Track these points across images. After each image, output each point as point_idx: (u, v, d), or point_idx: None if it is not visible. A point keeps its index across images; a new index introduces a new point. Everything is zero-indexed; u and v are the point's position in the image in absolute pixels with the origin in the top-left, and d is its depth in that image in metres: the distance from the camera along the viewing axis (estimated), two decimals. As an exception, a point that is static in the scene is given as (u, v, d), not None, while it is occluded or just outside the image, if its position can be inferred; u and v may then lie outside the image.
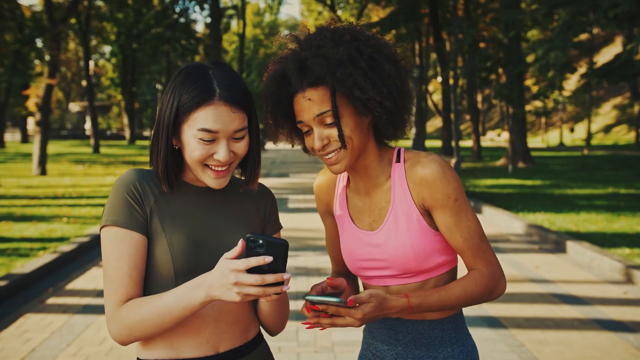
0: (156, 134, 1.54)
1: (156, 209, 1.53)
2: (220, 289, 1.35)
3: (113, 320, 1.47)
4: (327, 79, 1.52)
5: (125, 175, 1.55)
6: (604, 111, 45.86)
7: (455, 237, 1.62)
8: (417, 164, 1.62)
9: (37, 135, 18.05)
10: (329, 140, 1.58)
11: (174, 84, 1.52)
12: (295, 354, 4.45)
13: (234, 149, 1.52)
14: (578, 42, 15.11)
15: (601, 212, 10.98)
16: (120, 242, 1.48)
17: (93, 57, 55.63)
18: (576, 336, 4.82)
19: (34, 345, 4.57)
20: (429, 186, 1.60)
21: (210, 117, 1.46)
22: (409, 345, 1.69)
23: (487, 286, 1.63)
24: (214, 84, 1.48)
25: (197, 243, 1.54)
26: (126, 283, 1.47)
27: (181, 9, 40.17)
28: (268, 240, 1.33)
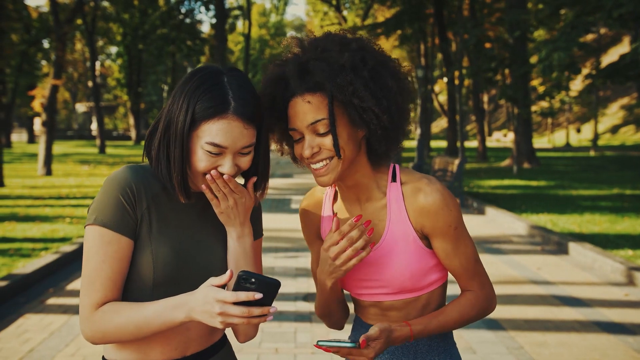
0: (168, 139, 1.48)
1: (147, 215, 1.51)
2: (203, 314, 1.34)
3: (87, 322, 1.46)
4: (327, 84, 1.49)
5: (120, 174, 1.50)
6: (611, 111, 45.66)
7: (453, 263, 1.64)
8: (419, 191, 1.60)
9: (43, 136, 18.11)
10: (320, 149, 1.55)
11: (186, 87, 1.47)
12: (292, 355, 4.44)
13: (238, 163, 1.50)
14: (583, 42, 15.03)
15: (605, 213, 10.93)
16: (107, 244, 1.46)
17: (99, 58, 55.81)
18: (576, 338, 4.80)
19: (33, 345, 4.58)
20: (430, 216, 1.59)
21: (222, 131, 1.43)
22: (396, 353, 1.68)
23: (482, 307, 1.68)
24: (229, 95, 1.45)
25: (181, 255, 1.52)
26: (107, 286, 1.46)
27: (187, 9, 40.28)
28: (260, 280, 1.30)
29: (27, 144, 44.61)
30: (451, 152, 27.48)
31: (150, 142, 1.55)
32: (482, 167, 23.49)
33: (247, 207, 1.57)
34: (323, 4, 46.02)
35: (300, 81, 1.51)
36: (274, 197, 14.23)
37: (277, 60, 1.62)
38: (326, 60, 1.50)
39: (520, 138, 22.21)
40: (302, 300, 5.74)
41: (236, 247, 1.57)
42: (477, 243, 8.58)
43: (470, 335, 4.80)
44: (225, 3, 32.25)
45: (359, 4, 42.30)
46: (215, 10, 28.84)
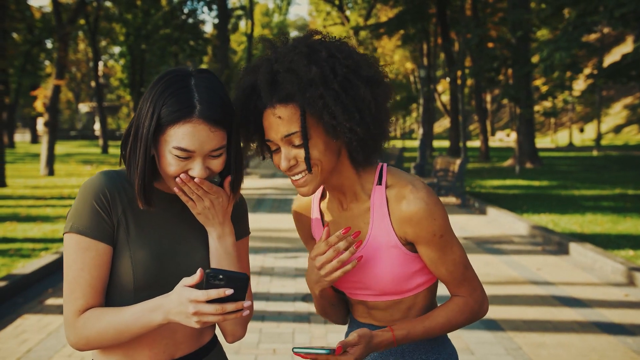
0: (133, 144, 1.48)
1: (123, 219, 1.50)
2: (179, 315, 1.34)
3: (71, 329, 1.46)
4: (297, 97, 1.45)
5: (94, 181, 1.50)
6: (614, 111, 45.57)
7: (440, 270, 1.60)
8: (402, 199, 1.55)
9: (45, 136, 18.15)
10: (297, 161, 1.51)
11: (153, 92, 1.45)
12: (290, 355, 4.43)
13: (209, 166, 1.48)
14: (585, 42, 14.99)
15: (607, 213, 10.90)
16: (85, 251, 1.46)
17: (102, 58, 55.92)
18: (575, 339, 4.78)
19: (30, 345, 4.58)
20: (413, 224, 1.55)
21: (188, 136, 1.41)
22: (383, 351, 1.67)
23: (472, 312, 1.64)
24: (195, 98, 1.42)
25: (159, 258, 1.51)
26: (87, 293, 1.46)
27: (189, 9, 40.26)
28: (228, 275, 1.31)
29: (30, 144, 44.70)
30: (454, 152, 27.46)
31: (124, 145, 1.54)
32: (484, 167, 23.46)
33: (224, 206, 1.55)
34: (326, 4, 46.02)
35: (271, 92, 1.47)
36: (274, 197, 14.24)
37: (249, 66, 1.57)
38: (295, 72, 1.45)
39: (523, 138, 22.17)
40: (300, 301, 5.73)
41: (217, 248, 1.56)
42: (478, 243, 8.56)
43: (468, 335, 4.79)
44: (228, 3, 32.25)
45: (361, 4, 42.31)
46: (218, 10, 28.87)
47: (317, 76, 1.44)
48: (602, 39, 40.21)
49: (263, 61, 1.53)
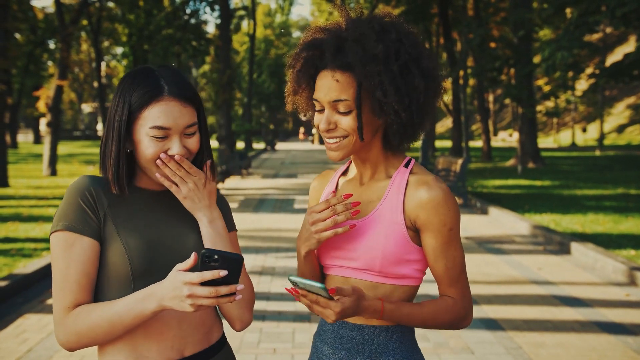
0: (106, 140, 1.53)
1: (110, 213, 1.52)
2: (173, 300, 1.35)
3: (61, 327, 1.46)
4: (357, 68, 1.51)
5: (79, 181, 1.55)
6: (617, 111, 45.48)
7: (439, 264, 1.61)
8: (424, 183, 1.59)
9: (48, 136, 18.19)
10: (335, 126, 1.58)
11: (121, 87, 1.52)
12: (290, 355, 4.44)
13: (186, 145, 1.53)
14: (586, 42, 14.97)
15: (609, 213, 10.89)
16: (71, 247, 1.47)
17: (105, 59, 55.95)
18: (574, 338, 4.77)
19: (31, 345, 4.59)
20: (428, 209, 1.57)
21: (162, 113, 1.47)
22: (352, 351, 1.65)
23: (457, 315, 1.62)
24: (162, 81, 1.51)
25: (153, 244, 1.53)
26: (74, 289, 1.47)
27: (192, 10, 40.28)
28: (223, 255, 1.32)
29: (33, 145, 44.79)
30: (456, 151, 27.45)
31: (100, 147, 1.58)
32: (486, 167, 23.44)
33: (209, 189, 1.59)
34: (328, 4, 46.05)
35: (334, 57, 1.54)
36: (277, 197, 14.24)
37: (319, 26, 1.65)
38: (362, 45, 1.52)
39: (525, 138, 22.15)
40: (301, 301, 5.72)
41: (210, 232, 1.58)
42: (479, 243, 8.56)
43: (468, 335, 4.79)
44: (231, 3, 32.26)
45: (364, 4, 42.29)
46: (220, 10, 28.86)
47: (380, 54, 1.51)
48: (605, 38, 40.12)
49: (334, 25, 1.61)
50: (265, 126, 63.61)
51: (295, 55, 1.65)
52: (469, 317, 1.66)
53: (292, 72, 1.66)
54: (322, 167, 24.73)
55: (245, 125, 40.35)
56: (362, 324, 1.65)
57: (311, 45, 1.61)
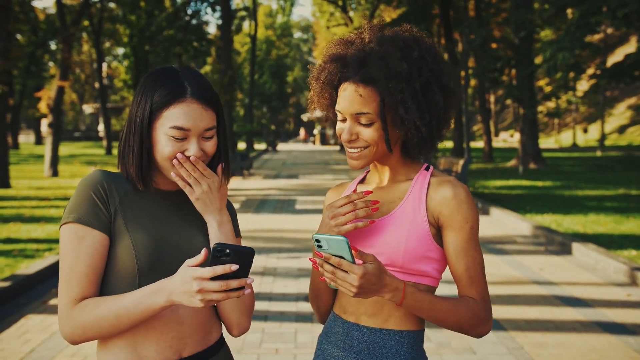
0: (127, 136, 1.55)
1: (120, 209, 1.54)
2: (183, 295, 1.35)
3: (66, 319, 1.47)
4: (380, 84, 1.55)
5: (92, 175, 1.56)
6: (618, 111, 45.46)
7: (459, 263, 1.61)
8: (448, 182, 1.64)
9: (49, 137, 18.21)
10: (357, 137, 1.62)
11: (144, 86, 1.54)
12: (292, 355, 4.45)
13: (203, 148, 1.54)
14: (588, 42, 14.96)
15: (610, 213, 10.89)
16: (81, 240, 1.48)
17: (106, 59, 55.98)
18: (576, 339, 4.78)
19: (33, 345, 4.61)
20: (452, 206, 1.61)
21: (182, 114, 1.49)
22: (362, 354, 1.65)
23: (476, 315, 1.59)
24: (185, 82, 1.52)
25: (160, 242, 1.54)
26: (82, 282, 1.47)
27: (193, 10, 40.31)
28: (235, 249, 1.33)
29: (35, 145, 44.84)
30: (457, 152, 27.42)
31: (119, 146, 1.60)
32: (488, 168, 23.44)
33: (222, 193, 1.61)
34: (329, 5, 46.07)
35: (357, 70, 1.58)
36: (278, 197, 14.25)
37: (344, 38, 1.70)
38: (386, 62, 1.56)
39: (527, 138, 22.15)
40: (303, 301, 5.74)
41: (218, 236, 1.59)
42: (481, 243, 8.52)
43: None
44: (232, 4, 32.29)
45: (365, 5, 42.32)
46: (222, 11, 28.88)
47: (404, 72, 1.56)
48: (606, 39, 40.10)
49: (357, 38, 1.67)
50: (267, 127, 63.66)
51: (320, 67, 1.70)
52: (489, 322, 1.63)
53: (317, 83, 1.71)
54: (324, 168, 24.74)
55: (247, 126, 40.38)
56: (374, 327, 1.65)
57: (336, 57, 1.65)
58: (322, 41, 65.27)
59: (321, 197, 14.19)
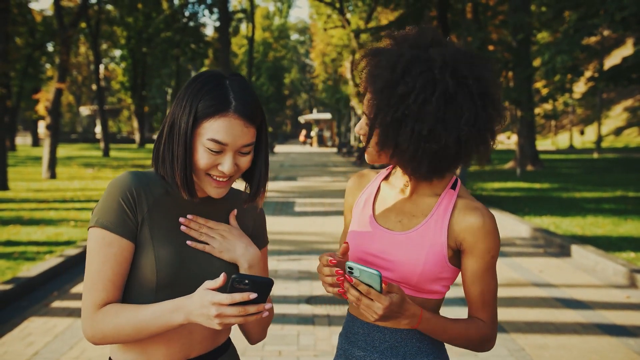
0: (170, 140, 1.53)
1: (148, 219, 1.54)
2: (201, 317, 1.38)
3: (89, 322, 1.49)
4: None
5: (122, 179, 1.54)
6: (614, 114, 45.58)
7: (475, 287, 1.66)
8: (476, 209, 1.64)
9: (47, 139, 18.19)
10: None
11: (190, 89, 1.51)
12: (295, 357, 4.47)
13: (238, 162, 1.53)
14: (585, 45, 15.01)
15: (608, 215, 10.94)
16: (108, 246, 1.49)
17: (103, 61, 55.95)
18: (576, 340, 4.81)
19: (37, 348, 4.62)
20: (478, 234, 1.62)
21: (223, 129, 1.47)
22: (386, 353, 1.69)
23: (485, 336, 1.66)
24: (231, 95, 1.49)
25: (183, 257, 1.55)
26: (107, 287, 1.49)
27: (190, 12, 40.38)
28: (254, 280, 1.34)
29: (32, 147, 44.75)
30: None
31: (157, 145, 1.59)
32: (485, 170, 23.48)
33: (237, 234, 1.62)
34: (327, 7, 46.09)
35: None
36: (277, 200, 14.26)
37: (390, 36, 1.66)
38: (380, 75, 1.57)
39: (524, 140, 22.22)
40: (305, 303, 5.76)
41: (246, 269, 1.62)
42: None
43: (471, 337, 4.82)
44: (229, 6, 32.31)
45: (362, 7, 42.34)
46: (219, 13, 28.91)
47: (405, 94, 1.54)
48: (602, 41, 40.20)
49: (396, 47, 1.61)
50: (264, 129, 63.58)
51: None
52: (493, 340, 1.70)
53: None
54: (322, 170, 24.75)
55: (244, 127, 40.33)
56: (395, 328, 1.69)
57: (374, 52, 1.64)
58: (319, 43, 65.24)
59: (320, 199, 14.21)
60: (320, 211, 12.15)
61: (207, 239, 1.57)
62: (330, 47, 57.84)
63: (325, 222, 10.49)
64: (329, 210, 12.18)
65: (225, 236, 1.59)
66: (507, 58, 20.91)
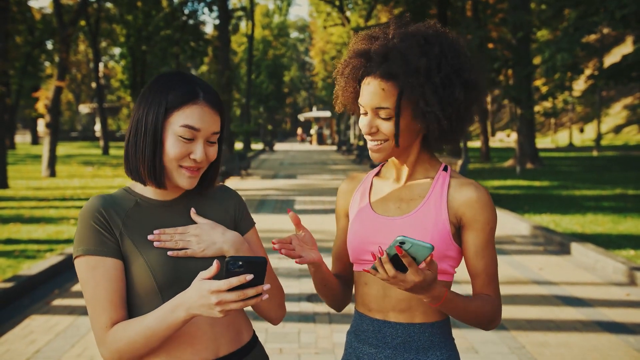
0: (136, 137, 1.55)
1: (125, 231, 1.56)
2: (201, 308, 1.38)
3: (103, 346, 1.50)
4: (400, 79, 1.58)
5: (89, 204, 1.57)
6: (614, 111, 45.60)
7: (479, 261, 1.68)
8: (470, 184, 1.69)
9: (47, 137, 18.19)
10: (377, 130, 1.65)
11: (155, 87, 1.56)
12: (296, 355, 4.48)
13: (207, 152, 1.58)
14: (585, 43, 15.02)
15: (608, 213, 10.95)
16: (94, 269, 1.51)
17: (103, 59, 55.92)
18: (577, 338, 4.83)
19: (39, 346, 4.63)
20: (476, 208, 1.66)
21: (195, 115, 1.53)
22: (398, 348, 1.70)
23: (495, 311, 1.69)
24: (198, 87, 1.57)
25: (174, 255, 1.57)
26: (107, 308, 1.50)
27: (190, 10, 40.28)
28: (248, 261, 1.35)
29: (31, 145, 44.74)
30: (454, 152, 27.46)
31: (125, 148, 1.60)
32: (485, 168, 23.50)
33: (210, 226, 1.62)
34: (326, 5, 46.06)
35: (379, 65, 1.61)
36: (276, 198, 14.27)
37: (367, 35, 1.72)
38: (406, 57, 1.58)
39: (524, 138, 22.22)
40: (305, 301, 5.77)
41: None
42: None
43: (472, 335, 4.84)
44: (229, 4, 32.28)
45: (362, 5, 42.31)
46: (219, 11, 28.92)
47: (423, 67, 1.58)
48: (602, 39, 40.22)
49: (381, 34, 1.68)
50: (264, 127, 63.63)
51: (345, 62, 1.72)
52: (499, 315, 1.73)
53: (341, 77, 1.74)
54: (321, 168, 24.76)
55: (244, 126, 40.36)
56: (406, 323, 1.70)
57: (360, 52, 1.68)
58: (318, 41, 65.26)
59: (320, 197, 14.21)
60: (320, 209, 12.16)
61: (183, 245, 1.57)
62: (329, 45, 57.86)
63: (325, 220, 10.49)
64: (329, 208, 12.18)
65: (198, 234, 1.60)
66: (507, 56, 20.91)
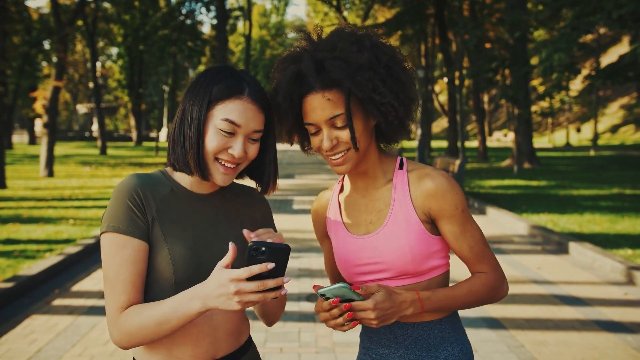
0: (181, 128, 1.54)
1: (157, 218, 1.55)
2: (219, 299, 1.35)
3: (114, 326, 1.49)
4: (345, 82, 1.56)
5: (127, 181, 1.55)
6: (611, 111, 45.68)
7: (462, 246, 1.69)
8: (426, 176, 1.68)
9: (44, 137, 18.17)
10: (338, 141, 1.63)
11: (202, 79, 1.56)
12: (296, 354, 4.50)
13: (247, 149, 1.55)
14: (583, 43, 15.06)
15: (605, 212, 10.99)
16: (122, 248, 1.49)
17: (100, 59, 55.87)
18: (576, 337, 4.85)
19: (40, 345, 4.64)
20: (437, 198, 1.66)
21: (237, 110, 1.51)
22: (410, 347, 1.73)
23: (492, 287, 1.70)
24: (245, 82, 1.55)
25: (198, 251, 1.56)
26: (128, 289, 1.49)
27: (187, 10, 40.30)
28: (271, 247, 1.32)
29: (28, 145, 44.66)
30: (452, 152, 27.52)
31: (170, 137, 1.60)
32: (482, 167, 23.54)
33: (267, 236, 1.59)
34: (323, 5, 46.07)
35: (317, 78, 1.58)
36: (275, 198, 14.28)
37: (286, 56, 1.68)
38: (344, 59, 1.57)
39: (521, 138, 22.27)
40: (305, 301, 5.79)
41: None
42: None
43: (471, 334, 4.86)
44: (226, 4, 32.30)
45: (359, 5, 42.35)
46: (216, 11, 28.92)
47: (366, 62, 1.58)
48: (599, 39, 40.28)
49: (303, 51, 1.65)
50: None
51: (275, 90, 1.64)
52: (504, 285, 1.74)
53: (278, 105, 1.64)
54: (319, 168, 24.78)
55: (241, 125, 40.33)
56: (415, 322, 1.73)
57: (289, 76, 1.61)
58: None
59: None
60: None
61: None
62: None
63: (324, 220, 10.50)
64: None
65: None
66: (504, 56, 20.96)
